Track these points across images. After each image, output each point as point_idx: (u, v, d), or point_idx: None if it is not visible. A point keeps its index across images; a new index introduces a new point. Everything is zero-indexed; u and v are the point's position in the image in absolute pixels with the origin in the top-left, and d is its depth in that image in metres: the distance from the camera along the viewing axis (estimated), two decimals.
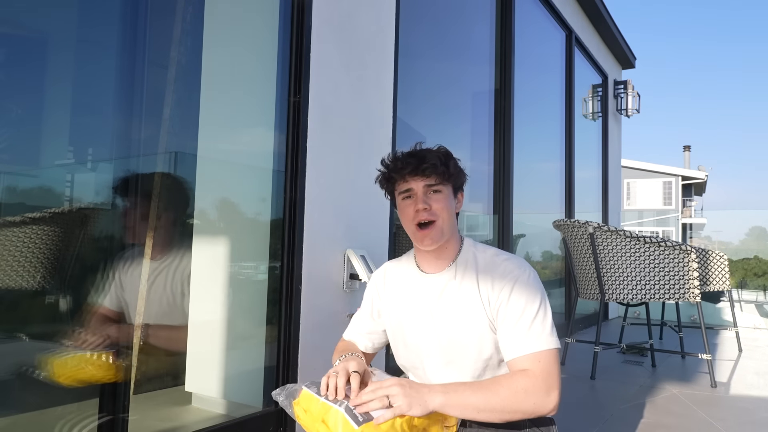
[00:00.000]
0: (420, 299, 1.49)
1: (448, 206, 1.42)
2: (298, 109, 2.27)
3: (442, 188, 1.42)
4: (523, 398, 1.25)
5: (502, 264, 1.42)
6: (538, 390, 1.26)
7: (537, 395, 1.26)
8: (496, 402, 1.24)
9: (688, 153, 36.00)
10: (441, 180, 1.41)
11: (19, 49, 1.64)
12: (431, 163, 1.40)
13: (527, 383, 1.26)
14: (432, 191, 1.42)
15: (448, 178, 1.42)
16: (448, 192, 1.44)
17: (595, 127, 6.91)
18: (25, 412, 1.69)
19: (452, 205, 1.45)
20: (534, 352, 1.30)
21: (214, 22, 2.21)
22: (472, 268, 1.44)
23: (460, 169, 1.48)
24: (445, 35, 4.01)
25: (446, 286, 1.45)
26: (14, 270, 1.64)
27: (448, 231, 1.43)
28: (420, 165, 1.39)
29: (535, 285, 1.39)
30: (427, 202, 1.40)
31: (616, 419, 2.67)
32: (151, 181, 1.93)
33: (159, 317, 2.01)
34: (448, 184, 1.44)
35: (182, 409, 2.18)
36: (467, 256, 1.47)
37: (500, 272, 1.40)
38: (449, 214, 1.42)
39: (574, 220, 3.64)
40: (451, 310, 1.43)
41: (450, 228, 1.44)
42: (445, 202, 1.42)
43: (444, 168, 1.41)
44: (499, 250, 1.49)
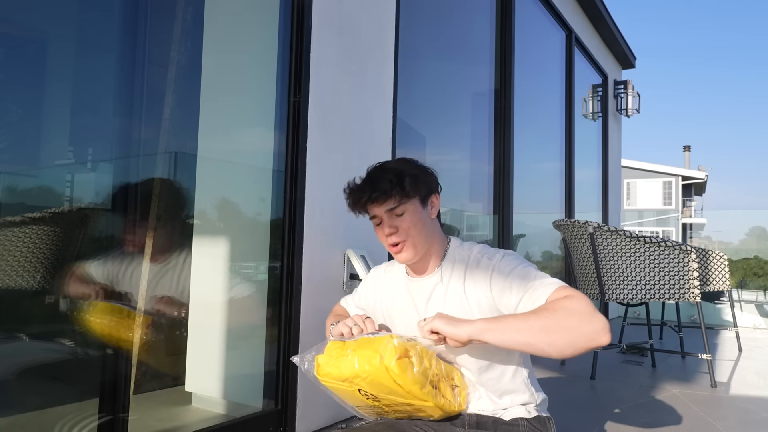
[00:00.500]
0: (409, 303, 1.50)
1: (417, 222, 1.40)
2: (298, 109, 2.28)
3: (405, 207, 1.40)
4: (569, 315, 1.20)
5: (483, 259, 1.42)
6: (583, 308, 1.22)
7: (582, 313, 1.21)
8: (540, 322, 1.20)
9: (688, 153, 36.00)
10: (400, 201, 1.39)
11: (19, 49, 1.64)
12: (382, 189, 1.37)
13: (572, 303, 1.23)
14: (395, 214, 1.40)
15: (407, 196, 1.39)
16: (414, 207, 1.41)
17: (595, 127, 6.91)
18: (25, 412, 1.69)
19: (422, 217, 1.42)
20: (558, 287, 1.30)
21: (214, 23, 2.21)
22: (459, 270, 1.45)
23: (421, 179, 1.42)
24: (445, 35, 4.01)
25: (434, 289, 1.46)
26: (14, 270, 1.64)
27: (422, 244, 1.43)
28: (372, 195, 1.38)
29: (515, 258, 1.41)
30: (393, 225, 1.40)
31: (616, 419, 2.67)
32: (149, 184, 1.92)
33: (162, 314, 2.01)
34: (411, 199, 1.40)
35: (182, 409, 2.18)
36: (453, 257, 1.47)
37: (483, 267, 1.41)
38: (419, 229, 1.41)
39: (574, 220, 3.64)
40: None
41: (424, 240, 1.43)
42: (411, 220, 1.40)
43: (399, 188, 1.37)
44: (484, 246, 1.49)
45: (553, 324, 1.20)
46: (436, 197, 1.47)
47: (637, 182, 32.05)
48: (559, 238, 5.20)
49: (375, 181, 1.39)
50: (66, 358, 1.80)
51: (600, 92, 6.92)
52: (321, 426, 2.32)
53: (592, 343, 1.19)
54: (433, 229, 1.46)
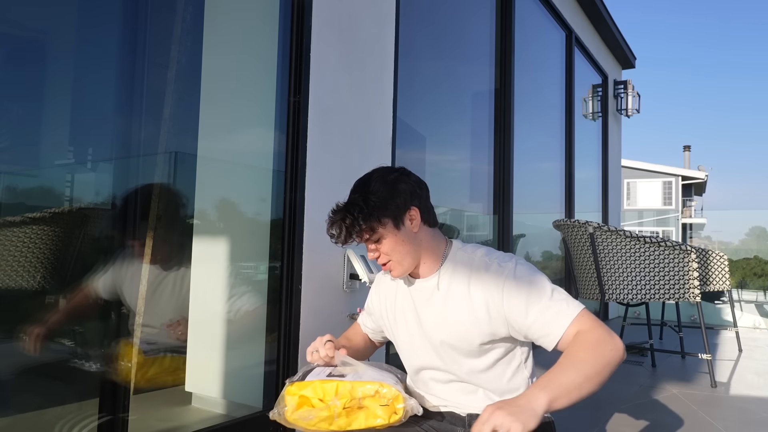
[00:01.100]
0: (410, 304, 1.50)
1: (396, 244, 1.40)
2: (298, 109, 2.28)
3: (379, 234, 1.39)
4: (601, 350, 1.23)
5: (492, 265, 1.40)
6: (604, 335, 1.26)
7: (606, 341, 1.25)
8: (587, 368, 1.21)
9: (688, 153, 36.00)
10: (370, 232, 1.39)
11: (19, 49, 1.64)
12: (345, 231, 1.37)
13: (593, 336, 1.25)
14: (372, 241, 1.41)
15: (372, 229, 1.38)
16: (388, 230, 1.40)
17: (595, 127, 6.91)
18: (25, 412, 1.69)
19: (401, 237, 1.40)
20: (572, 319, 1.30)
21: (214, 22, 2.21)
22: (462, 271, 1.43)
23: (386, 203, 1.39)
24: (445, 35, 4.01)
25: (433, 291, 1.45)
26: (14, 270, 1.64)
27: (409, 260, 1.43)
28: (340, 235, 1.38)
29: (531, 270, 1.38)
30: (374, 250, 1.43)
31: (616, 419, 2.67)
32: (149, 184, 1.92)
33: (162, 314, 2.01)
34: (382, 224, 1.39)
35: (182, 409, 2.18)
36: (455, 259, 1.46)
37: (494, 273, 1.38)
38: (400, 250, 1.41)
39: (574, 220, 3.64)
40: (440, 315, 1.43)
41: (411, 256, 1.42)
42: (390, 243, 1.40)
43: (362, 224, 1.37)
44: (488, 249, 1.47)
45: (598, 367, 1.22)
46: (414, 210, 1.42)
47: (637, 182, 32.05)
48: (559, 238, 5.20)
49: (338, 221, 1.39)
50: (66, 358, 1.80)
51: (600, 92, 6.92)
52: None
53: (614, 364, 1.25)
54: (421, 241, 1.44)
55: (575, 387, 1.19)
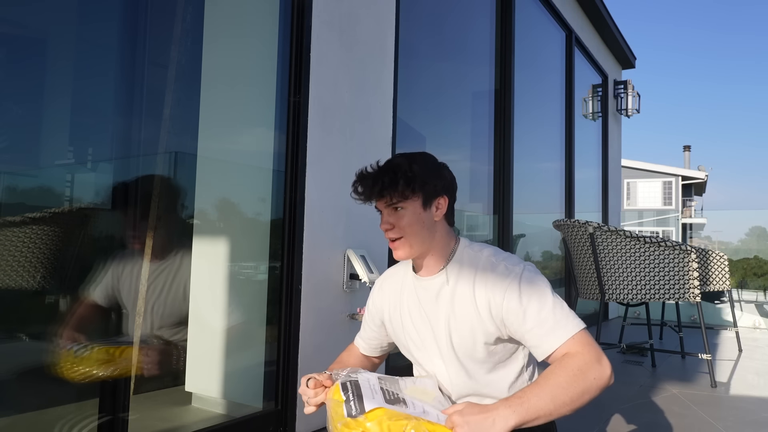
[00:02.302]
0: (417, 303, 1.49)
1: (415, 221, 1.39)
2: (298, 109, 2.28)
3: (406, 204, 1.38)
4: (583, 377, 1.23)
5: (500, 266, 1.39)
6: (590, 362, 1.25)
7: (592, 368, 1.25)
8: (562, 394, 1.21)
9: (688, 153, 35.99)
10: (401, 197, 1.37)
11: (19, 49, 1.64)
12: (380, 185, 1.37)
13: (577, 362, 1.25)
14: (394, 209, 1.40)
15: (404, 196, 1.38)
16: (415, 206, 1.39)
17: (595, 127, 6.91)
18: (25, 412, 1.69)
19: (421, 218, 1.40)
20: (567, 338, 1.29)
21: (214, 22, 2.21)
22: (468, 271, 1.43)
23: (426, 176, 1.41)
24: (445, 35, 4.01)
25: (441, 289, 1.45)
26: (14, 270, 1.64)
27: (419, 244, 1.41)
28: (373, 187, 1.37)
29: (537, 278, 1.38)
30: (389, 221, 1.40)
31: (616, 419, 2.67)
32: (149, 184, 1.93)
33: (158, 319, 2.01)
34: (413, 197, 1.39)
35: (182, 409, 2.18)
36: (461, 258, 1.46)
37: (499, 275, 1.38)
38: (417, 229, 1.40)
39: (574, 220, 3.64)
40: (447, 316, 1.42)
41: (422, 241, 1.41)
42: (410, 218, 1.39)
43: (393, 185, 1.36)
44: (495, 249, 1.47)
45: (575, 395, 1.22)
46: (444, 199, 1.44)
47: (637, 182, 32.04)
48: (559, 238, 5.20)
49: (379, 174, 1.39)
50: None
51: (600, 92, 6.92)
52: (321, 426, 2.32)
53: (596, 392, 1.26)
54: (435, 231, 1.44)
55: (546, 414, 1.20)
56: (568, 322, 1.31)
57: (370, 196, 1.38)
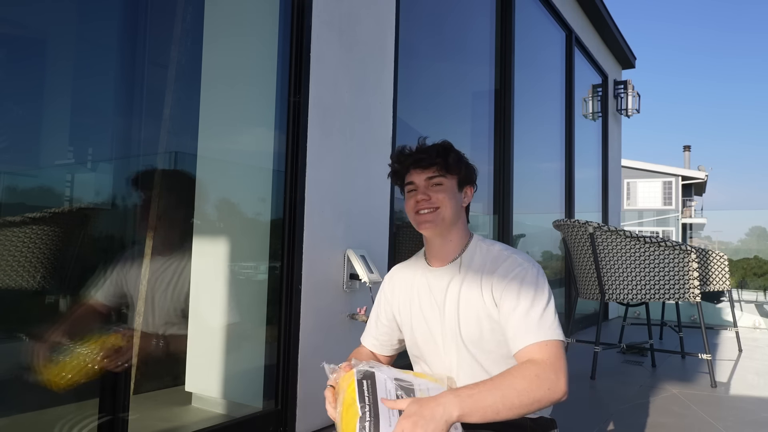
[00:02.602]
0: (428, 293, 1.51)
1: (450, 197, 1.46)
2: (298, 109, 2.27)
3: (443, 180, 1.47)
4: (537, 385, 1.25)
5: (509, 259, 1.44)
6: (548, 374, 1.27)
7: (548, 380, 1.26)
8: (513, 396, 1.23)
9: (688, 153, 35.99)
10: (440, 172, 1.46)
11: (19, 49, 1.64)
12: (429, 154, 1.46)
13: (537, 369, 1.27)
14: (433, 184, 1.46)
15: (447, 170, 1.47)
16: (451, 184, 1.48)
17: (595, 127, 6.91)
18: (25, 412, 1.69)
19: (456, 197, 1.48)
20: (541, 341, 1.32)
21: (214, 22, 2.21)
22: (479, 261, 1.47)
23: (463, 162, 1.51)
24: (445, 35, 4.01)
25: (452, 279, 1.48)
26: (14, 270, 1.64)
27: (449, 218, 1.47)
28: (418, 157, 1.46)
29: (542, 281, 1.42)
30: (427, 193, 1.46)
31: (616, 419, 2.67)
32: (149, 184, 1.92)
33: (161, 316, 2.01)
34: (450, 176, 1.47)
35: (182, 409, 2.18)
36: (474, 250, 1.50)
37: (507, 266, 1.42)
38: (451, 204, 1.46)
39: (574, 220, 3.64)
40: (456, 304, 1.45)
41: (453, 216, 1.47)
42: (446, 193, 1.46)
43: (442, 160, 1.46)
44: (507, 245, 1.52)
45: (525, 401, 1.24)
46: (470, 190, 1.54)
47: (637, 182, 32.04)
48: (559, 238, 5.20)
49: (423, 149, 1.47)
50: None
51: (600, 92, 6.91)
52: (321, 426, 2.32)
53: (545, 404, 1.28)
54: (460, 216, 1.51)
55: (493, 412, 1.22)
56: (549, 328, 1.34)
57: (414, 164, 1.46)
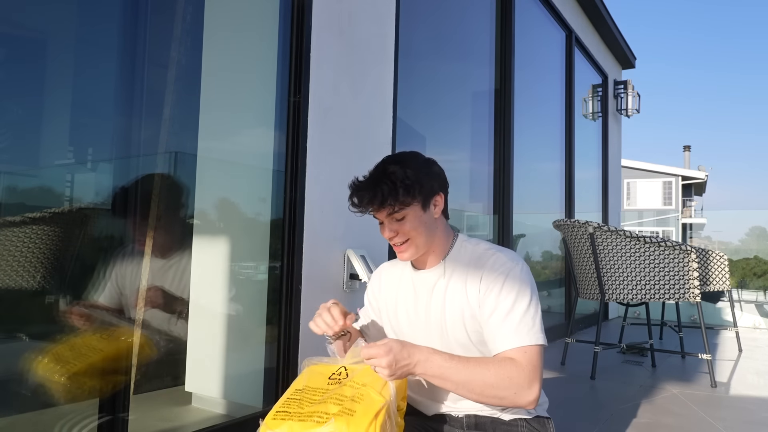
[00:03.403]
0: (413, 295, 1.51)
1: (417, 226, 1.41)
2: (298, 109, 2.27)
3: (405, 212, 1.39)
4: (507, 385, 1.27)
5: (493, 257, 1.43)
6: (523, 381, 1.28)
7: (520, 386, 1.28)
8: (478, 382, 1.26)
9: (688, 153, 35.99)
10: (402, 206, 1.37)
11: (19, 49, 1.64)
12: (379, 199, 1.36)
13: (513, 371, 1.28)
14: (395, 219, 1.40)
15: (404, 204, 1.38)
16: (414, 211, 1.40)
17: (595, 127, 6.91)
18: (25, 412, 1.69)
19: (423, 220, 1.41)
20: (522, 345, 1.32)
21: (214, 22, 2.21)
22: (464, 262, 1.46)
23: (421, 182, 1.40)
24: (445, 35, 4.01)
25: (437, 282, 1.47)
26: (14, 270, 1.64)
27: (424, 244, 1.44)
28: (371, 201, 1.37)
29: (526, 279, 1.39)
30: (393, 229, 1.41)
31: (616, 419, 2.67)
32: (152, 181, 1.92)
33: (160, 316, 2.01)
34: (413, 203, 1.39)
35: (182, 409, 2.18)
36: (459, 252, 1.49)
37: (490, 265, 1.41)
38: (420, 232, 1.41)
39: (574, 220, 3.64)
40: (441, 306, 1.45)
41: (426, 240, 1.44)
42: (412, 223, 1.40)
43: (392, 199, 1.36)
44: (492, 244, 1.50)
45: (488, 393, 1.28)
46: (440, 196, 1.46)
47: (637, 182, 32.04)
48: (559, 238, 5.20)
49: (373, 187, 1.37)
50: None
51: (600, 92, 6.91)
52: None
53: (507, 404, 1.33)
54: (436, 227, 1.46)
55: (452, 387, 1.28)
56: (529, 332, 1.33)
57: (368, 208, 1.38)
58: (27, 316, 1.73)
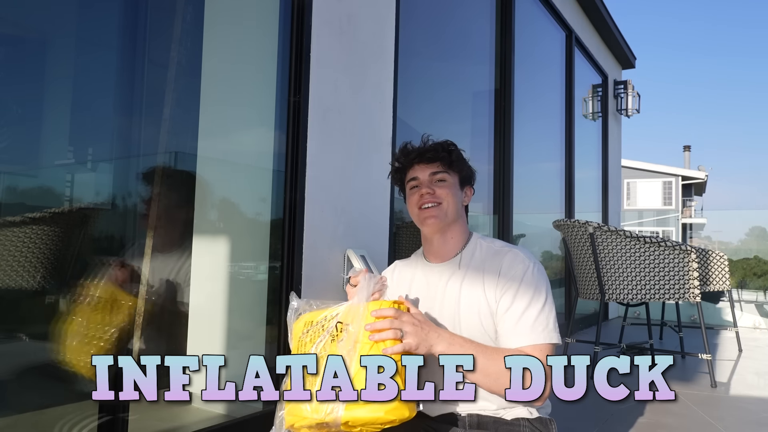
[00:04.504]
0: (426, 288, 1.52)
1: (453, 194, 1.48)
2: (298, 109, 2.27)
3: (447, 177, 1.49)
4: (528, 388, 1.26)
5: (510, 253, 1.45)
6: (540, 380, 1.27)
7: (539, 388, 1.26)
8: (492, 372, 1.25)
9: (688, 153, 36.00)
10: (444, 168, 1.49)
11: (19, 49, 1.64)
12: (434, 149, 1.48)
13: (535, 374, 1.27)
14: (437, 180, 1.48)
15: (450, 166, 1.49)
16: (453, 181, 1.50)
17: (595, 127, 6.91)
18: (25, 412, 1.69)
19: (458, 194, 1.51)
20: (537, 343, 1.33)
21: (214, 22, 2.21)
22: (480, 257, 1.48)
23: (465, 162, 1.54)
24: (445, 35, 4.01)
25: (452, 275, 1.48)
26: (14, 270, 1.64)
27: (452, 215, 1.48)
28: (423, 152, 1.49)
29: (542, 278, 1.43)
30: (431, 188, 1.48)
31: (616, 419, 2.67)
32: (156, 179, 1.92)
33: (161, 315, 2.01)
34: (453, 173, 1.50)
35: (182, 409, 2.18)
36: (473, 247, 1.52)
37: (508, 261, 1.43)
38: (454, 201, 1.48)
39: (574, 220, 3.64)
40: (456, 300, 1.45)
41: (454, 213, 1.49)
42: (449, 189, 1.48)
43: (446, 155, 1.48)
44: (507, 243, 1.53)
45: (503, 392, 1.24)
46: (470, 190, 1.57)
47: (637, 182, 32.05)
48: (559, 238, 5.19)
49: (435, 145, 1.50)
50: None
51: (600, 92, 6.91)
52: None
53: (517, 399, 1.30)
54: (461, 214, 1.53)
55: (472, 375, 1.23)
56: (544, 330, 1.36)
57: (419, 158, 1.48)
58: (27, 316, 1.73)
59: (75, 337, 1.67)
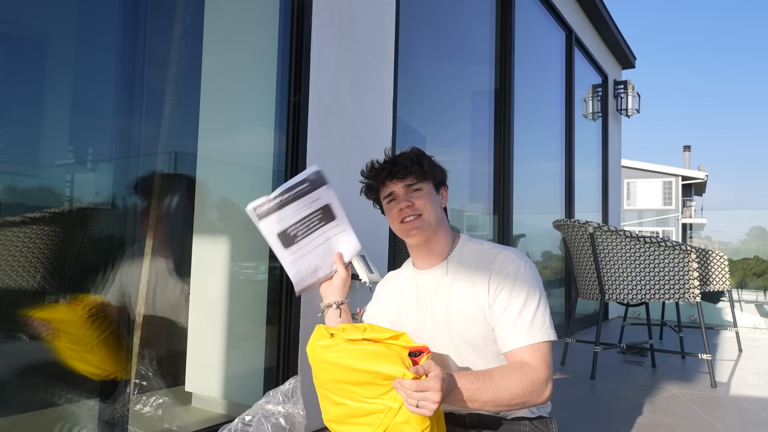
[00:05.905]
0: (416, 296, 1.52)
1: (431, 201, 1.48)
2: (298, 109, 2.27)
3: (422, 185, 1.48)
4: (531, 390, 1.29)
5: (500, 255, 1.44)
6: (541, 380, 1.30)
7: (540, 386, 1.30)
8: (505, 395, 1.26)
9: (688, 153, 35.99)
10: (418, 178, 1.47)
11: (19, 49, 1.64)
12: (403, 164, 1.46)
13: (533, 373, 1.30)
14: (412, 190, 1.47)
15: (424, 176, 1.48)
16: (429, 189, 1.49)
17: (595, 127, 6.91)
18: (25, 412, 1.69)
19: (436, 200, 1.50)
20: (534, 343, 1.34)
21: (214, 22, 2.21)
22: (468, 261, 1.47)
23: (436, 166, 1.53)
24: (445, 35, 4.01)
25: (441, 281, 1.48)
26: (14, 270, 1.64)
27: (434, 223, 1.48)
28: (393, 168, 1.47)
29: (534, 277, 1.42)
30: (409, 200, 1.46)
31: (616, 419, 2.67)
32: (152, 181, 1.92)
33: (161, 315, 2.01)
34: (427, 181, 1.49)
35: (182, 409, 2.18)
36: (461, 251, 1.50)
37: (499, 264, 1.42)
38: (433, 207, 1.48)
39: (574, 220, 3.64)
40: (446, 305, 1.45)
41: (436, 220, 1.48)
42: (427, 198, 1.47)
43: (418, 167, 1.47)
44: (495, 243, 1.52)
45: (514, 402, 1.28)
46: (445, 190, 1.57)
47: (637, 182, 32.04)
48: (559, 238, 5.20)
49: (395, 159, 1.49)
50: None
51: (600, 92, 6.91)
52: (321, 426, 2.31)
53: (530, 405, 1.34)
54: (442, 218, 1.52)
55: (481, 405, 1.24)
56: (540, 329, 1.36)
57: (390, 176, 1.47)
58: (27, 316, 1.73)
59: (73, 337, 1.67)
